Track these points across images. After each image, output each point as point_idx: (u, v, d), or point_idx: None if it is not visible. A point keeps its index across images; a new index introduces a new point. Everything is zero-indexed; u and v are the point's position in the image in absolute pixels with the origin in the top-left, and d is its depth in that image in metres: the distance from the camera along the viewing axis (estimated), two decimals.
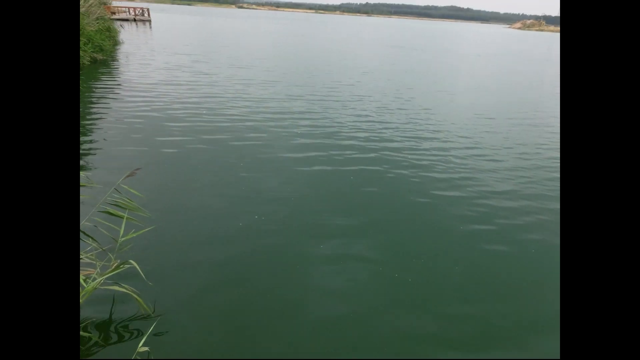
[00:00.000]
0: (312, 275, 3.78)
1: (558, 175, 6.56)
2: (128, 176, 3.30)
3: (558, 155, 7.58)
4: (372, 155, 6.92)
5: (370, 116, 9.53)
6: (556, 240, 4.65)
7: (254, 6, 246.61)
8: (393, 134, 8.18)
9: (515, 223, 4.95)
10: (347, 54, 24.59)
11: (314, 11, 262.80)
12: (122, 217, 3.32)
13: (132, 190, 3.83)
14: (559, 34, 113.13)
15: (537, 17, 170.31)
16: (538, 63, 27.15)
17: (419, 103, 11.41)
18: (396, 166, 6.48)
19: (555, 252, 4.42)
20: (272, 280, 3.68)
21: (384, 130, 8.40)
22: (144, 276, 3.24)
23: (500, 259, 4.23)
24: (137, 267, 3.04)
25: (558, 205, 5.46)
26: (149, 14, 39.74)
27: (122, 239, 3.29)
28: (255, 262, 3.91)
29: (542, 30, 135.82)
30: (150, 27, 33.69)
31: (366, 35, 48.96)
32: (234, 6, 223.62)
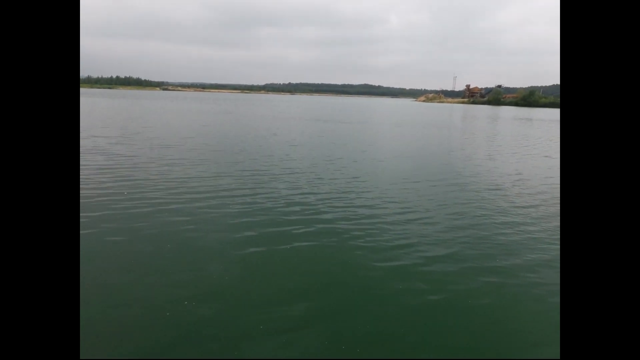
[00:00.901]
0: None
1: (489, 232, 6.88)
2: None
3: (486, 211, 8.08)
4: (309, 228, 6.68)
5: (303, 188, 9.49)
6: (507, 305, 4.65)
7: (179, 88, 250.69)
8: (328, 205, 8.13)
9: (460, 288, 4.90)
10: (275, 128, 25.42)
11: (239, 91, 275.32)
12: None
13: None
14: (455, 104, 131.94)
15: (436, 92, 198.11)
16: (444, 129, 30.71)
17: (349, 172, 11.79)
18: (335, 239, 6.28)
19: (511, 313, 4.37)
20: None
21: (318, 202, 8.32)
22: None
23: (456, 329, 4.04)
24: None
25: (497, 263, 5.60)
26: None
27: None
28: None
29: (442, 102, 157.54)
30: None
31: (291, 111, 51.85)
32: (158, 88, 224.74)
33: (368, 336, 3.85)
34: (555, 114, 70.84)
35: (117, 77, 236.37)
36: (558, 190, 10.38)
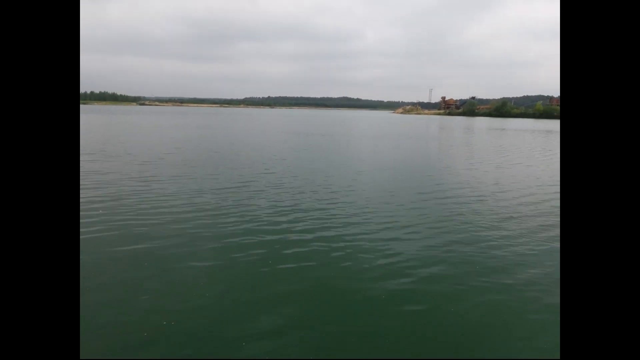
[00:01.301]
0: None
1: (477, 246, 6.82)
2: None
3: (476, 225, 8.06)
4: (293, 248, 6.47)
5: (284, 205, 9.27)
6: (505, 321, 4.56)
7: (156, 103, 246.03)
8: (310, 222, 7.93)
9: (453, 307, 4.79)
10: (256, 142, 25.16)
11: (218, 105, 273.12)
12: None
13: None
14: (432, 116, 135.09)
15: (413, 104, 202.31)
16: (422, 140, 31.22)
17: (330, 185, 11.66)
18: (318, 258, 6.06)
19: (509, 328, 4.27)
20: None
21: (300, 220, 8.11)
22: None
23: (453, 348, 3.90)
24: None
25: (487, 278, 5.51)
26: None
27: None
28: None
29: (419, 114, 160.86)
30: None
31: (271, 124, 51.70)
32: (135, 103, 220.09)
33: None
34: (527, 123, 73.44)
35: (92, 93, 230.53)
36: (545, 200, 10.55)
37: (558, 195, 10.97)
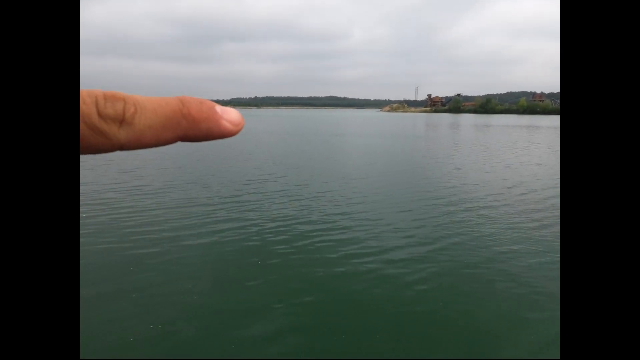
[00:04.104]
0: None
1: (485, 249, 6.03)
2: None
3: (471, 227, 7.27)
4: (304, 280, 5.57)
5: (283, 218, 8.35)
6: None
7: None
8: (317, 243, 7.00)
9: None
10: (244, 145, 24.09)
11: None
12: None
13: None
14: (418, 113, 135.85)
15: (400, 102, 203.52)
16: (410, 139, 30.69)
17: (330, 193, 10.79)
18: (334, 295, 5.18)
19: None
20: None
21: (306, 237, 7.19)
22: None
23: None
24: None
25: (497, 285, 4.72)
26: None
27: None
28: None
29: (405, 112, 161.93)
30: None
31: (259, 125, 50.58)
32: None
33: None
34: (513, 119, 74.04)
35: None
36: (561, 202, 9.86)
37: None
